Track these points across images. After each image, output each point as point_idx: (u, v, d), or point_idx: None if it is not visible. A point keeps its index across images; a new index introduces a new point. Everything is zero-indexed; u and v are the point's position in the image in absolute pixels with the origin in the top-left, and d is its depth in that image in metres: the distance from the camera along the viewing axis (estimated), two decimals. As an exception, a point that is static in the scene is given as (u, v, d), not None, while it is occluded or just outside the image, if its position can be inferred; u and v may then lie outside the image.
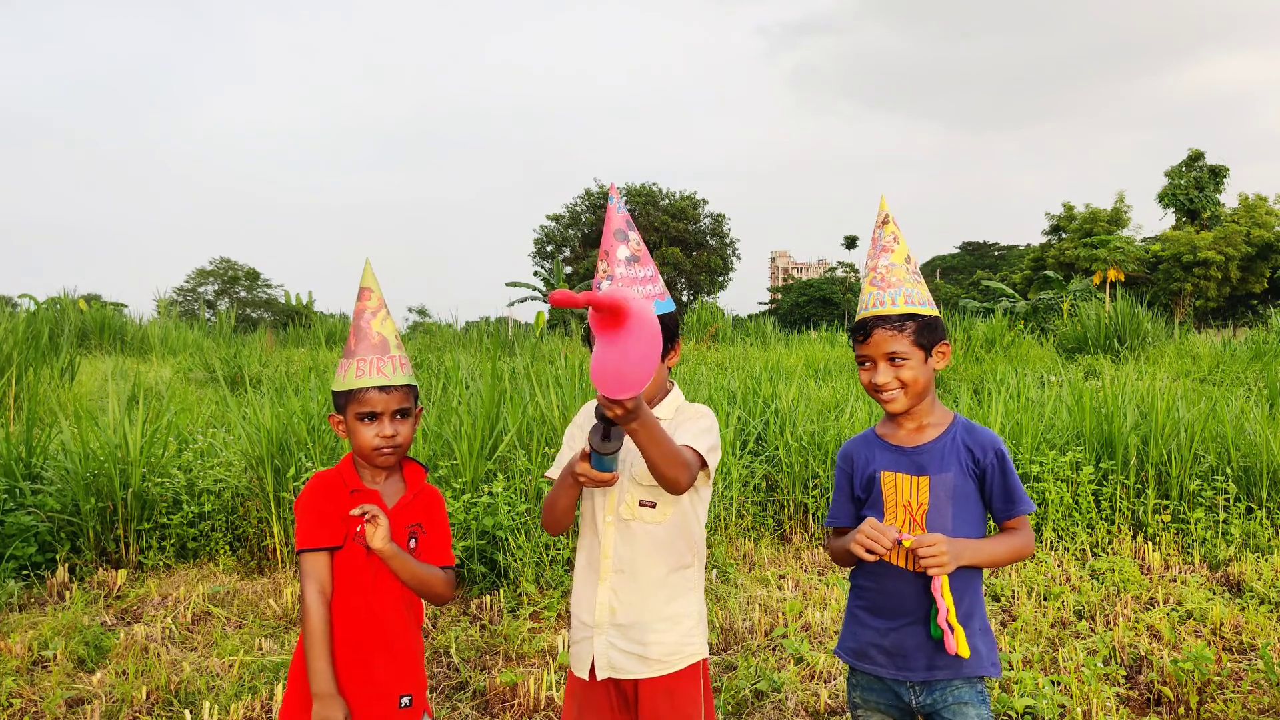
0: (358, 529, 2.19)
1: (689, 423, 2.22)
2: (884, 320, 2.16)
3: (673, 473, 2.03)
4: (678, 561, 2.23)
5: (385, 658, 2.21)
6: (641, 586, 2.19)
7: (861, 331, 2.19)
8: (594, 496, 2.27)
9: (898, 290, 2.19)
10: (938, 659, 2.11)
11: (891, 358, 2.16)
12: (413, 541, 2.28)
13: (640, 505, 2.22)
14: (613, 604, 2.20)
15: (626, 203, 52.05)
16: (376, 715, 2.19)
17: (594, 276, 2.27)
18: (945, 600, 2.05)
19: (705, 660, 2.25)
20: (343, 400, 2.26)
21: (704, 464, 2.18)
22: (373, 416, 2.22)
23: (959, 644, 2.06)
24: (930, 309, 2.20)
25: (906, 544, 2.04)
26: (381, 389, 2.22)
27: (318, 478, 2.29)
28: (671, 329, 2.24)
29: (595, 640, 2.20)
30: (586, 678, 2.22)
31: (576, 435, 2.36)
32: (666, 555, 2.21)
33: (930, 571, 2.03)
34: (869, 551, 2.05)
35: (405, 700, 2.23)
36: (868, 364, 2.21)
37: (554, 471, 2.36)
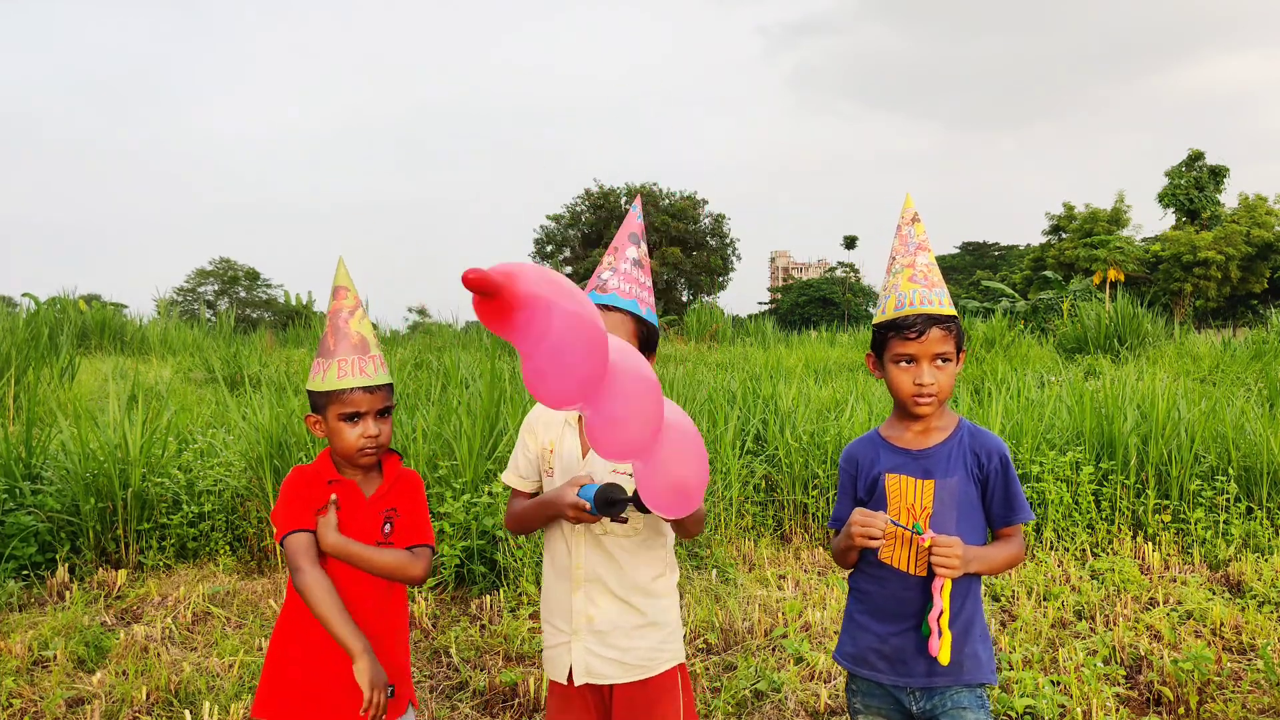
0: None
1: None
2: (938, 319, 2.11)
3: (696, 530, 2.17)
4: (650, 571, 2.22)
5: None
6: (615, 595, 2.18)
7: (914, 328, 2.09)
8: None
9: (942, 290, 2.15)
10: (938, 665, 2.10)
11: (936, 359, 2.12)
12: (387, 526, 2.28)
13: (613, 520, 2.19)
14: (589, 611, 2.19)
15: (627, 202, 52.00)
16: (358, 705, 2.18)
17: (596, 268, 2.27)
18: (943, 601, 2.04)
19: (683, 665, 2.26)
20: (322, 400, 2.23)
21: None
22: (356, 417, 2.21)
23: (943, 649, 2.04)
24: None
25: (926, 543, 2.02)
26: (366, 389, 2.20)
27: (296, 470, 2.29)
28: (652, 342, 2.26)
29: (573, 646, 2.20)
30: (564, 682, 2.21)
31: (529, 441, 2.34)
32: (638, 565, 2.20)
33: (939, 573, 2.02)
34: (869, 537, 2.03)
35: (388, 690, 2.22)
36: (906, 362, 2.13)
37: (512, 478, 2.36)
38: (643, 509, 1.97)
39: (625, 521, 2.10)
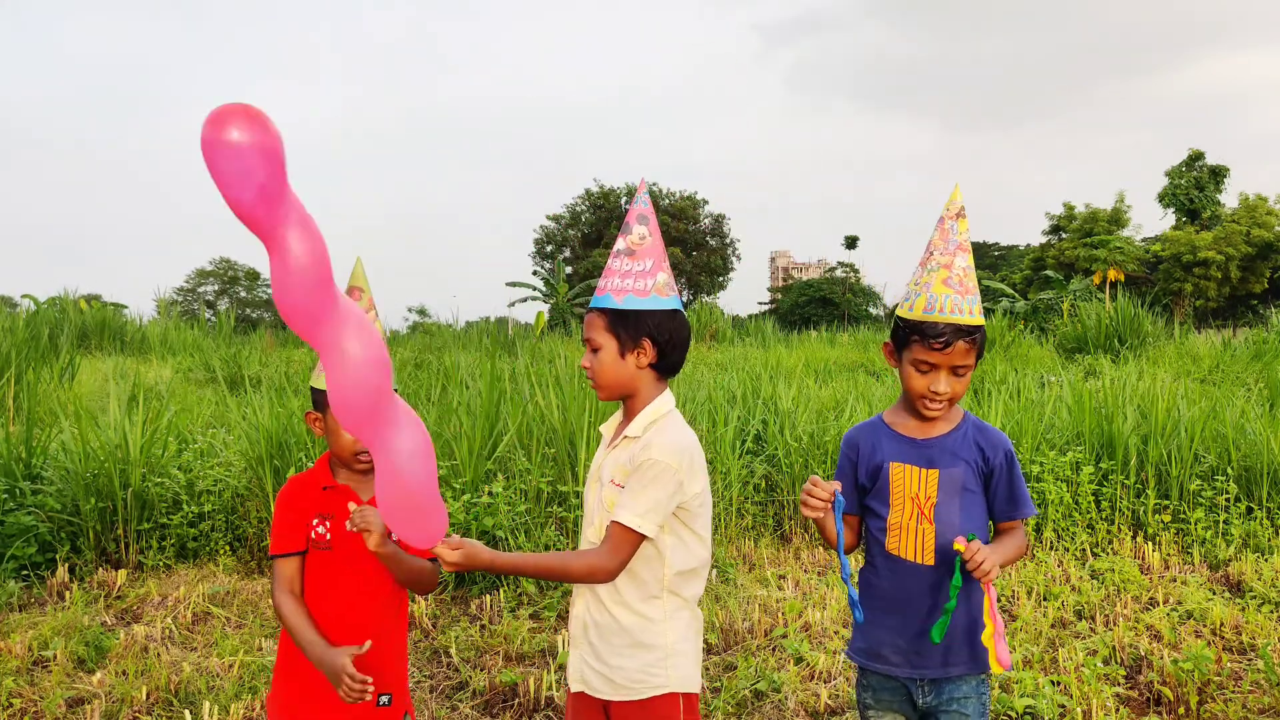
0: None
1: (639, 472, 2.03)
2: (965, 331, 2.07)
3: (571, 583, 2.03)
4: (643, 591, 2.10)
5: (361, 656, 2.17)
6: (605, 606, 2.12)
7: (940, 338, 2.06)
8: (588, 504, 2.25)
9: (975, 298, 2.11)
10: (952, 656, 2.11)
11: (955, 369, 2.10)
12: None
13: (607, 529, 2.12)
14: (586, 619, 2.16)
15: (627, 202, 52.03)
16: (353, 714, 2.17)
17: (604, 271, 2.24)
18: (988, 620, 2.02)
19: (689, 695, 2.14)
20: (324, 398, 2.20)
21: (636, 535, 2.01)
22: None
23: (996, 658, 2.03)
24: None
25: (959, 548, 1.98)
26: None
27: (291, 481, 2.27)
28: (636, 327, 2.10)
29: (572, 653, 2.19)
30: (573, 689, 2.20)
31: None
32: (630, 582, 2.10)
33: (984, 581, 1.99)
34: (806, 505, 2.04)
35: (384, 699, 2.20)
36: (925, 368, 2.10)
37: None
38: None
39: None
